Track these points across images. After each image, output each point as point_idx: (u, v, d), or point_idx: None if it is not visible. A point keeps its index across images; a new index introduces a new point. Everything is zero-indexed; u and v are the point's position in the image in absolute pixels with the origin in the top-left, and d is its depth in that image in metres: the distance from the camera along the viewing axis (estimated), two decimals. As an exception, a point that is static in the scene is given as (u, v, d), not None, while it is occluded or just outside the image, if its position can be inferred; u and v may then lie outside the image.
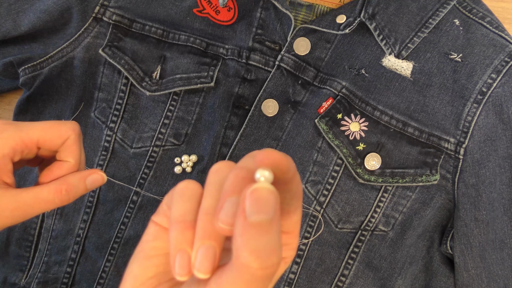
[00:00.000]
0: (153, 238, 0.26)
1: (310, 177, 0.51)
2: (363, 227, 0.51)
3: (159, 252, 0.26)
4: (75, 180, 0.36)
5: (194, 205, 0.24)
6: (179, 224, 0.23)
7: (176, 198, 0.24)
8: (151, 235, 0.26)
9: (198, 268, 0.21)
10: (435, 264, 0.52)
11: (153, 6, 0.53)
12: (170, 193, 0.26)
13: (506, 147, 0.48)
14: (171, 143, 0.53)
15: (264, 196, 0.19)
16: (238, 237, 0.19)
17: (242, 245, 0.19)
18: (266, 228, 0.19)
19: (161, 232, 0.26)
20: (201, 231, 0.22)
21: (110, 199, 0.53)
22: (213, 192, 0.23)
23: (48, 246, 0.54)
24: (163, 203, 0.26)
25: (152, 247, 0.26)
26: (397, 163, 0.50)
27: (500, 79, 0.49)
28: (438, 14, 0.51)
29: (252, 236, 0.19)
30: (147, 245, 0.26)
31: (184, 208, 0.24)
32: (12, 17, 0.52)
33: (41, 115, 0.56)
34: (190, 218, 0.23)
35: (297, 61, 0.52)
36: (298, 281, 0.52)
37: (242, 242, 0.19)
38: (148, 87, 0.52)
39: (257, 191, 0.19)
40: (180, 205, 0.24)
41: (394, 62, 0.50)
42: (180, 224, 0.23)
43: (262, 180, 0.20)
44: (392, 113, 0.50)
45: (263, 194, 0.19)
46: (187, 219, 0.23)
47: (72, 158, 0.37)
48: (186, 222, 0.23)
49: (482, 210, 0.49)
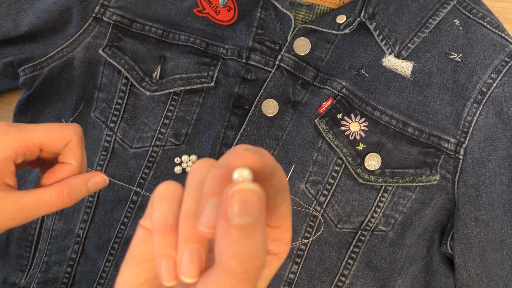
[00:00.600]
0: (141, 242, 0.25)
1: (310, 177, 0.51)
2: (363, 227, 0.51)
3: (149, 256, 0.25)
4: (77, 182, 0.36)
5: (175, 207, 0.23)
6: (160, 229, 0.22)
7: (156, 201, 0.23)
8: (139, 240, 0.25)
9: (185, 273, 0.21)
10: (435, 264, 0.52)
11: (153, 6, 0.53)
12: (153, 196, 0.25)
13: (506, 147, 0.48)
14: (171, 143, 0.53)
15: (247, 197, 0.18)
16: (220, 240, 0.18)
17: (224, 250, 0.18)
18: (250, 231, 0.18)
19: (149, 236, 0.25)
20: (184, 235, 0.21)
21: (110, 199, 0.53)
22: (193, 194, 0.22)
23: (48, 246, 0.54)
24: (149, 206, 0.25)
25: (141, 252, 0.25)
26: (397, 163, 0.50)
27: (500, 79, 0.49)
28: (438, 14, 0.51)
29: (235, 240, 0.18)
30: (137, 250, 0.25)
31: (164, 211, 0.23)
32: (12, 17, 0.52)
33: (41, 115, 0.56)
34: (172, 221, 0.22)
35: (297, 61, 0.52)
36: (298, 281, 0.52)
37: (224, 246, 0.18)
38: (148, 87, 0.52)
39: (239, 193, 0.18)
40: (160, 208, 0.23)
41: (394, 62, 0.50)
42: (162, 229, 0.22)
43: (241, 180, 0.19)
44: (392, 113, 0.50)
45: (246, 196, 0.18)
46: (168, 222, 0.22)
47: (74, 160, 0.37)
48: (167, 226, 0.22)
49: (482, 210, 0.49)
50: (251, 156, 0.19)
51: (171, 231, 0.22)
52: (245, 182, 0.18)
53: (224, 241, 0.18)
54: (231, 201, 0.18)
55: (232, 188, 0.18)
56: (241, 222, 0.18)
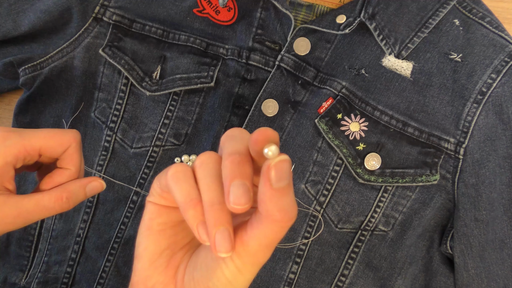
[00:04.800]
0: (156, 215, 0.29)
1: (310, 177, 0.51)
2: (363, 227, 0.51)
3: (166, 226, 0.29)
4: (76, 187, 0.37)
5: (192, 184, 0.27)
6: (189, 204, 0.26)
7: (174, 183, 0.27)
8: (153, 213, 0.29)
9: (219, 250, 0.25)
10: (435, 264, 0.52)
11: (153, 6, 0.53)
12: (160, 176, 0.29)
13: (506, 147, 0.48)
14: (171, 143, 0.53)
15: (282, 167, 0.23)
16: (267, 201, 0.23)
17: (273, 207, 0.23)
18: (287, 190, 0.24)
19: (162, 209, 0.29)
20: (212, 220, 0.25)
21: (110, 199, 0.53)
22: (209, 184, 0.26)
23: (48, 246, 0.54)
24: (154, 185, 0.29)
25: (157, 223, 0.29)
26: (397, 163, 0.50)
27: (500, 79, 0.49)
28: (438, 14, 0.51)
29: (279, 199, 0.23)
30: (153, 223, 0.29)
31: (186, 189, 0.27)
32: (12, 17, 0.52)
33: (41, 115, 0.56)
34: (194, 195, 0.26)
35: (297, 61, 0.52)
36: (298, 281, 0.52)
37: (272, 204, 0.23)
38: (148, 87, 0.52)
39: (276, 165, 0.23)
40: (181, 188, 0.27)
41: (394, 62, 0.50)
42: (190, 203, 0.26)
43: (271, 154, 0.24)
44: (392, 113, 0.50)
45: (281, 166, 0.23)
46: (193, 197, 0.26)
47: (73, 166, 0.38)
48: (193, 200, 0.26)
49: (482, 210, 0.49)
50: (272, 132, 0.25)
51: (198, 202, 0.26)
52: (275, 155, 0.24)
53: (271, 201, 0.23)
54: (272, 172, 0.23)
55: (270, 162, 0.23)
56: (280, 185, 0.23)
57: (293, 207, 0.24)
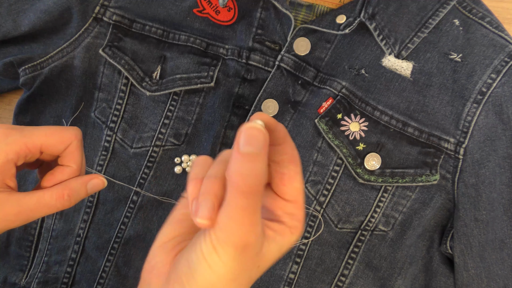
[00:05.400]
0: (182, 207, 0.31)
1: (310, 177, 0.51)
2: (363, 227, 0.51)
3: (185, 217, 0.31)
4: (77, 185, 0.37)
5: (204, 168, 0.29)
6: (192, 181, 0.28)
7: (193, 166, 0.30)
8: (181, 205, 0.31)
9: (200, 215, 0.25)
10: (435, 264, 0.52)
11: (153, 6, 0.53)
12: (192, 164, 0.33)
13: (506, 147, 0.48)
14: (171, 143, 0.53)
15: (252, 133, 0.24)
16: (231, 164, 0.24)
17: (232, 170, 0.24)
18: (252, 158, 0.24)
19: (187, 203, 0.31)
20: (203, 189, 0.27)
21: (110, 199, 0.53)
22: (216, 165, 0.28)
23: (48, 246, 0.54)
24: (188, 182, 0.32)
25: (180, 213, 0.31)
26: (397, 163, 0.50)
27: (500, 79, 0.49)
28: (438, 14, 0.51)
29: (240, 163, 0.24)
30: (177, 212, 0.31)
31: (197, 170, 0.29)
32: (12, 17, 0.52)
33: (41, 115, 0.56)
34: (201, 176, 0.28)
35: (297, 61, 0.52)
36: (298, 281, 0.52)
37: (233, 167, 0.24)
38: (148, 87, 0.52)
39: (249, 129, 0.24)
40: (194, 169, 0.30)
41: (394, 62, 0.50)
42: (194, 181, 0.28)
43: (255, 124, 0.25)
44: (392, 113, 0.50)
45: (252, 132, 0.24)
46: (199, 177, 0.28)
47: (74, 163, 0.38)
48: (198, 179, 0.28)
49: (482, 210, 0.49)
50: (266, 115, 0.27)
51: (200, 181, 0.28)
52: (256, 122, 0.25)
53: (233, 163, 0.24)
54: (243, 134, 0.24)
55: (243, 126, 0.24)
56: (246, 150, 0.24)
57: (253, 176, 0.24)
